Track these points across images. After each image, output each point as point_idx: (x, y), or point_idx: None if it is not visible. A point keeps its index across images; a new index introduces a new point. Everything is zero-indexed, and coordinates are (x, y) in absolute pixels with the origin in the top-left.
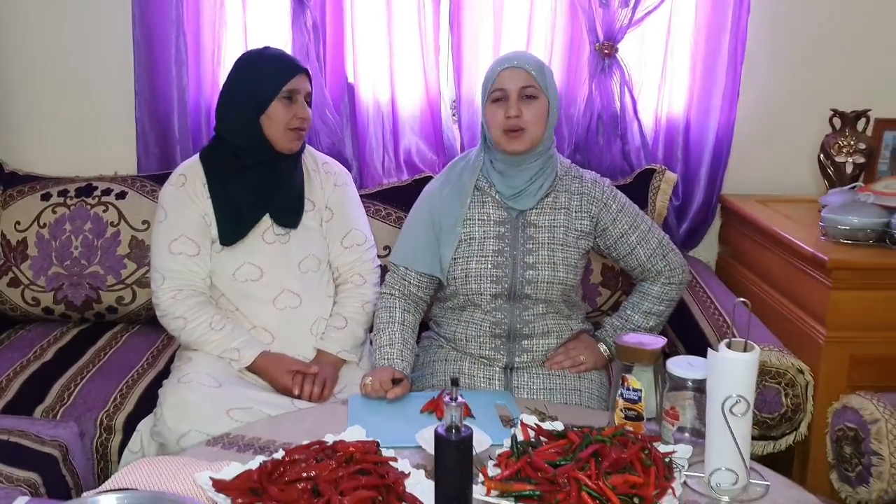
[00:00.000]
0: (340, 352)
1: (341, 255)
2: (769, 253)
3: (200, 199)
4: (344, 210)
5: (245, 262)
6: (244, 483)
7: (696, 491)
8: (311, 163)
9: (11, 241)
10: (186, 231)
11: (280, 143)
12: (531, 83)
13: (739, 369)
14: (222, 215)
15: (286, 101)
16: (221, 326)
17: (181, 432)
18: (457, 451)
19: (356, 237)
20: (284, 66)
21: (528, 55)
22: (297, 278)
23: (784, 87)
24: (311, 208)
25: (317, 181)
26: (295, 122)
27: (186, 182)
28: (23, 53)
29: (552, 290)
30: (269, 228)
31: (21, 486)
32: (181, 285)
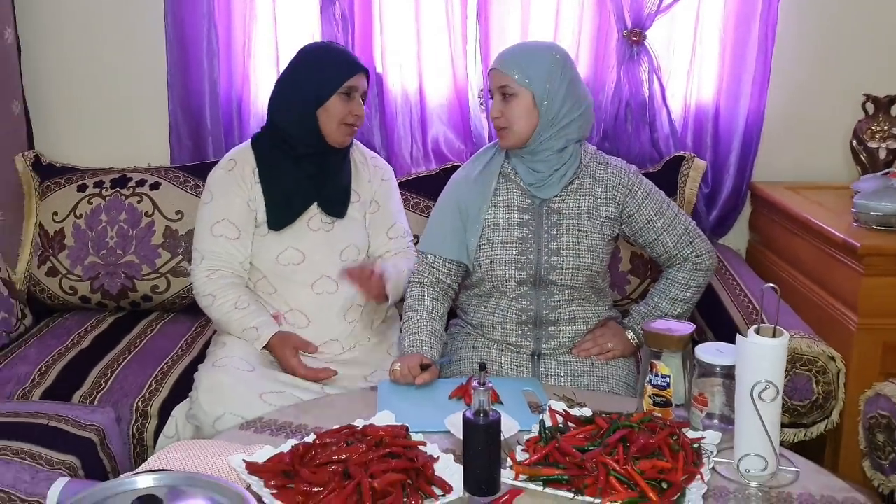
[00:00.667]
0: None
1: (385, 245)
2: (800, 240)
3: (248, 184)
4: (390, 204)
5: (289, 247)
6: (276, 466)
7: (725, 477)
8: (359, 157)
9: (49, 232)
10: (230, 215)
11: (332, 137)
12: (506, 82)
13: (768, 355)
14: (272, 201)
15: (345, 97)
16: (246, 305)
17: (216, 415)
18: (485, 435)
19: (399, 230)
20: (348, 63)
21: (516, 51)
22: (336, 266)
23: (816, 72)
24: (356, 199)
25: (365, 174)
26: (350, 118)
27: (236, 167)
28: (58, 47)
29: (578, 276)
30: (316, 216)
31: (61, 469)
32: (217, 266)
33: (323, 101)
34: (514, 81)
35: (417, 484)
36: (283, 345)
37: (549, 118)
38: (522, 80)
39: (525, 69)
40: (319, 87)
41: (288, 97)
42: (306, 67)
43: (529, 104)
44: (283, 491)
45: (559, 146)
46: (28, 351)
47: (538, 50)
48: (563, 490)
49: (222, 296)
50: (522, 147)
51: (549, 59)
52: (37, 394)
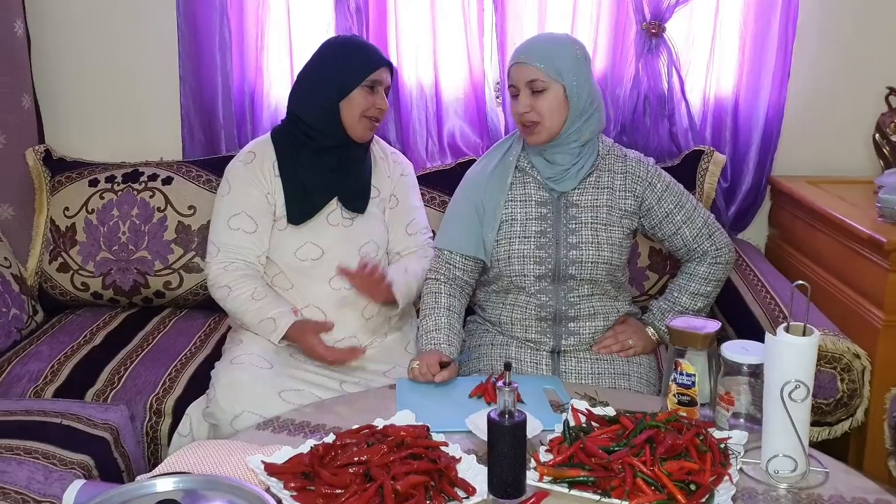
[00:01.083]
0: (394, 285)
1: (404, 241)
2: (822, 235)
3: (267, 177)
4: (408, 199)
5: (307, 242)
6: (296, 467)
7: (753, 478)
8: (378, 152)
9: (60, 227)
10: (247, 208)
11: (354, 130)
12: (536, 77)
13: (799, 354)
14: (292, 195)
15: (368, 90)
16: (263, 296)
17: (234, 413)
18: (511, 437)
19: (418, 225)
20: (372, 57)
21: (541, 44)
22: (355, 262)
23: (837, 64)
24: (376, 195)
25: (384, 170)
26: (372, 112)
27: (255, 159)
28: (69, 41)
29: (597, 270)
30: (336, 211)
31: (74, 469)
32: (234, 258)
33: (346, 94)
34: (543, 75)
35: (440, 486)
36: (302, 332)
37: (579, 111)
38: (553, 74)
39: (553, 61)
40: (343, 80)
41: (311, 89)
42: (330, 60)
43: (561, 97)
44: (303, 493)
45: (584, 139)
46: (40, 348)
47: (560, 41)
48: (589, 492)
49: (238, 287)
50: (542, 145)
51: (572, 50)
52: (49, 391)
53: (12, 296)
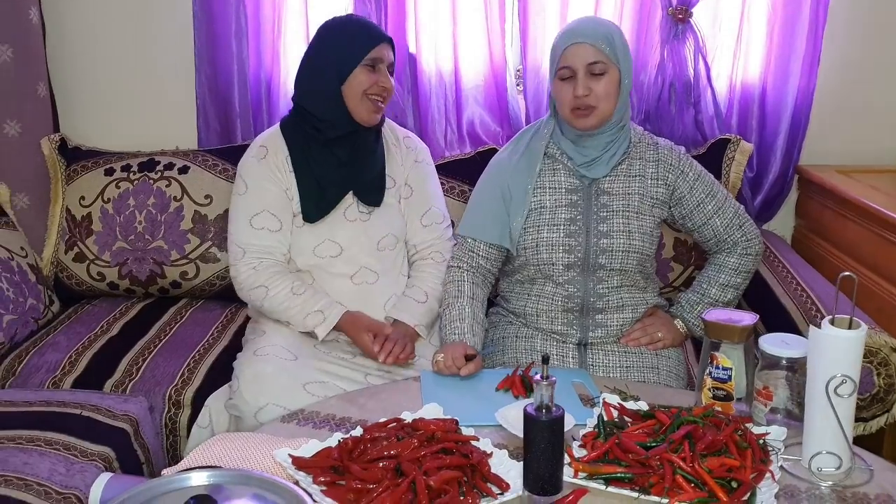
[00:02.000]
0: (417, 325)
1: (420, 233)
2: (854, 225)
3: (283, 173)
4: (423, 187)
5: (326, 239)
6: (324, 461)
7: (795, 475)
8: (391, 137)
9: (76, 216)
10: (269, 206)
11: (358, 113)
12: (599, 59)
13: (846, 347)
14: (306, 192)
15: (369, 69)
16: (303, 291)
17: (258, 406)
18: (549, 432)
19: (435, 215)
20: (369, 34)
21: (595, 25)
22: (375, 256)
23: (869, 50)
24: (391, 185)
25: (397, 156)
26: (375, 89)
27: (268, 154)
28: (84, 28)
29: (628, 260)
30: (352, 206)
31: (95, 461)
32: (261, 257)
33: (346, 76)
34: (607, 58)
35: (473, 482)
36: (356, 326)
37: (625, 98)
38: (613, 56)
39: (613, 44)
40: (341, 62)
41: (311, 77)
42: (327, 44)
43: (616, 81)
44: (332, 488)
45: (622, 124)
46: (57, 338)
47: (613, 26)
48: (627, 489)
49: (275, 285)
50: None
51: (623, 36)
52: (67, 382)
53: (29, 286)
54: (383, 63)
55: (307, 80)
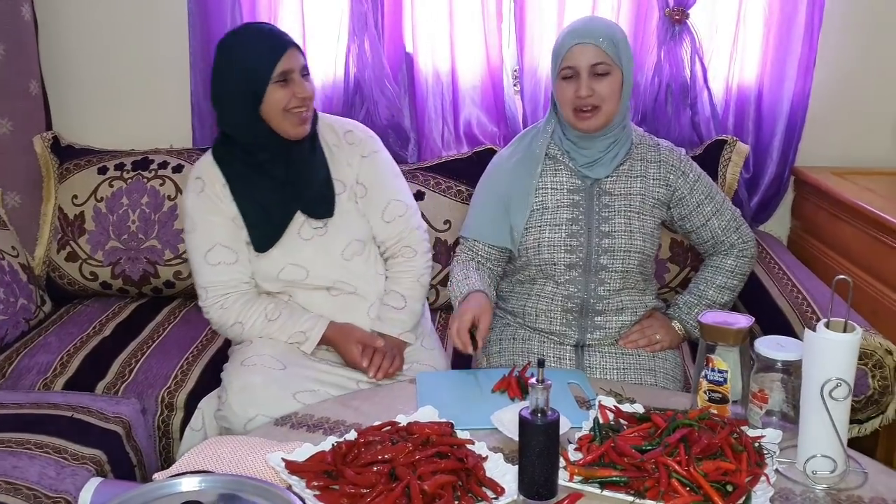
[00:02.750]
0: (401, 333)
1: (384, 230)
2: (850, 227)
3: (224, 202)
4: (377, 182)
5: (287, 265)
6: (318, 465)
7: (790, 478)
8: (331, 136)
9: (69, 215)
10: (220, 240)
11: (284, 130)
12: (602, 59)
13: (841, 351)
14: (252, 220)
15: (280, 85)
16: (277, 315)
17: (248, 417)
18: (544, 436)
19: (396, 208)
20: (272, 47)
21: (599, 25)
22: (342, 268)
23: (864, 52)
24: (342, 190)
25: (341, 157)
26: (294, 102)
27: (206, 186)
28: (77, 25)
29: (629, 260)
30: (305, 224)
31: (87, 464)
32: (226, 292)
33: (260, 97)
34: (610, 59)
35: (468, 486)
36: (346, 339)
37: (627, 98)
38: (616, 57)
39: (616, 45)
40: (250, 85)
41: (227, 104)
42: (230, 67)
43: (619, 82)
44: (326, 492)
45: (624, 125)
46: (48, 339)
47: (615, 27)
48: (622, 492)
49: (248, 317)
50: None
51: (625, 37)
52: (59, 384)
53: (20, 285)
54: (294, 72)
55: (222, 108)
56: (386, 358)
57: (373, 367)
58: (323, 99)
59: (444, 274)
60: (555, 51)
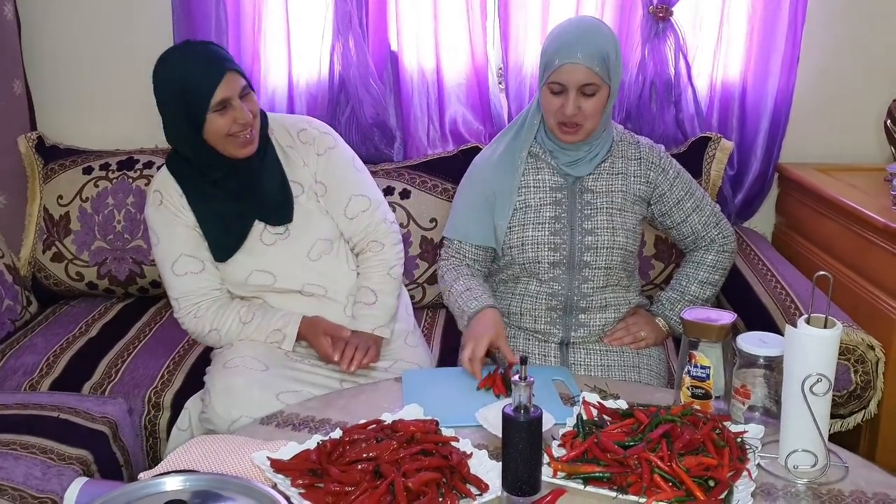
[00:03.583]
0: (375, 329)
1: (349, 227)
2: (833, 224)
3: (183, 212)
4: (336, 179)
5: (252, 271)
6: (303, 463)
7: (772, 473)
8: (284, 138)
9: (54, 216)
10: (184, 249)
11: (228, 152)
12: (592, 80)
13: (821, 346)
14: (210, 231)
15: (221, 112)
16: (251, 317)
17: (232, 419)
18: (526, 433)
19: (359, 203)
20: (208, 74)
21: (592, 40)
22: (310, 269)
23: (847, 49)
24: (300, 192)
25: (296, 158)
26: (235, 128)
27: (164, 199)
28: (60, 24)
29: (612, 257)
30: (265, 230)
31: (73, 464)
32: (197, 301)
33: (201, 125)
34: (600, 79)
35: (452, 483)
36: (314, 332)
37: (610, 110)
38: (606, 76)
39: (606, 63)
40: (189, 110)
41: (171, 127)
42: (168, 87)
43: (605, 98)
44: (311, 490)
45: (604, 128)
46: (35, 340)
47: (608, 38)
48: (605, 488)
49: (223, 323)
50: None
51: (616, 47)
52: (45, 384)
53: (6, 286)
54: (233, 98)
55: (167, 125)
56: (358, 349)
57: (344, 360)
58: (308, 98)
59: (430, 272)
60: (544, 59)
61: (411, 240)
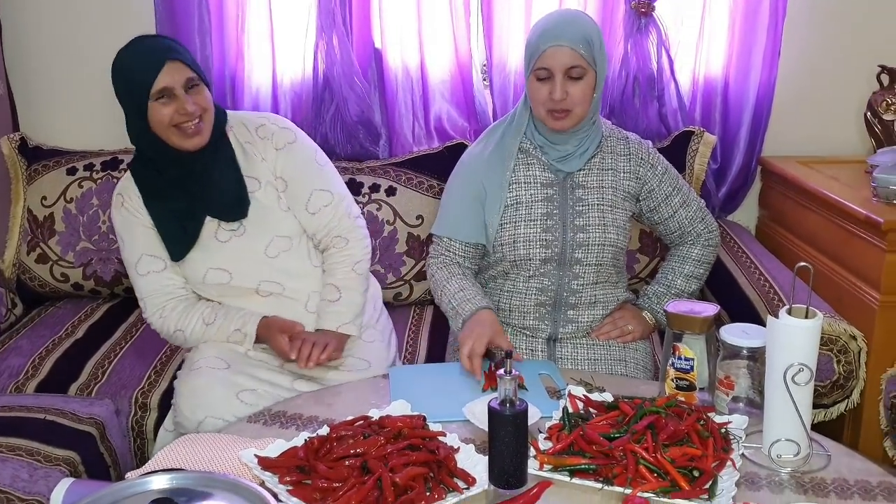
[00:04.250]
0: (340, 326)
1: (311, 222)
2: (815, 216)
3: (141, 213)
4: (297, 174)
5: (208, 269)
6: (290, 460)
7: (756, 462)
8: (242, 134)
9: (38, 217)
10: (145, 249)
11: (172, 143)
12: (577, 62)
13: (802, 336)
14: (164, 230)
15: (163, 101)
16: (213, 318)
17: (198, 420)
18: (512, 426)
19: (320, 198)
20: (147, 64)
21: (575, 26)
22: (268, 266)
23: (828, 42)
24: (256, 187)
25: (254, 153)
26: (177, 119)
27: (125, 201)
28: (41, 24)
29: (603, 253)
30: (219, 227)
31: (60, 466)
32: (163, 302)
33: (144, 113)
34: (585, 62)
35: (440, 477)
36: (270, 331)
37: (598, 97)
38: (591, 60)
39: (591, 47)
40: (134, 101)
41: (128, 122)
42: (116, 83)
43: (593, 83)
44: (299, 487)
45: (594, 119)
46: (20, 342)
47: (591, 25)
48: (591, 480)
49: (187, 324)
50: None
51: (599, 33)
52: (31, 387)
53: None
54: (175, 89)
55: (127, 125)
56: (315, 346)
57: (301, 358)
58: (292, 96)
59: (417, 269)
60: (529, 48)
61: (398, 237)
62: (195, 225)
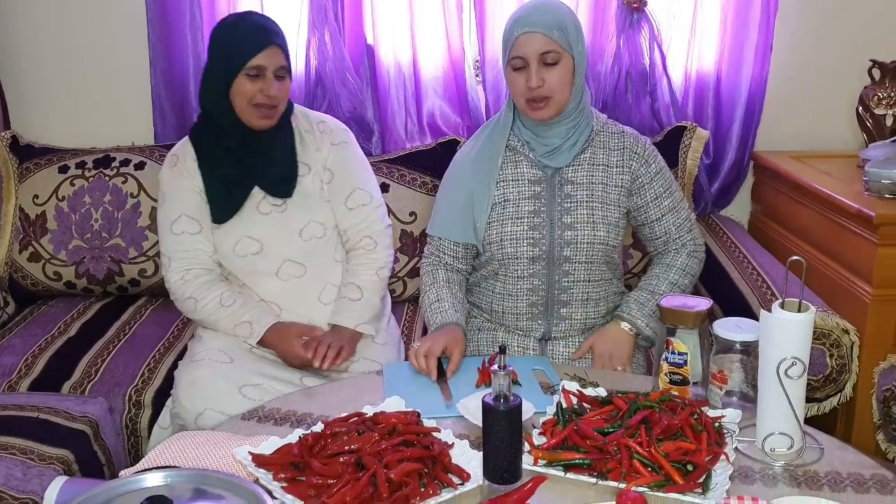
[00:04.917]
0: (358, 325)
1: (347, 218)
2: (808, 210)
3: (194, 176)
4: (345, 170)
5: (243, 237)
6: (284, 457)
7: (749, 456)
8: (304, 124)
9: (30, 215)
10: (186, 210)
11: (246, 119)
12: (551, 48)
13: (795, 330)
14: (213, 193)
15: (251, 78)
16: (231, 302)
17: (197, 412)
18: (506, 421)
19: (361, 197)
20: (255, 39)
21: (546, 11)
22: (298, 247)
23: (820, 37)
24: (306, 172)
25: (311, 143)
26: (259, 98)
27: (179, 161)
28: (32, 21)
29: (593, 251)
30: (264, 199)
31: (54, 464)
32: (189, 265)
33: (231, 82)
34: (559, 47)
35: (434, 473)
36: (282, 339)
37: (580, 83)
38: (566, 45)
39: (565, 31)
40: (226, 69)
41: (206, 79)
42: (216, 47)
43: (570, 70)
44: (293, 484)
45: (581, 108)
46: (12, 341)
47: (564, 9)
48: (585, 475)
49: (203, 296)
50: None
51: (574, 18)
52: (24, 385)
53: None
54: (268, 70)
55: (205, 82)
56: (331, 347)
57: (317, 358)
58: None
59: (410, 266)
60: (504, 40)
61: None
62: (242, 192)
